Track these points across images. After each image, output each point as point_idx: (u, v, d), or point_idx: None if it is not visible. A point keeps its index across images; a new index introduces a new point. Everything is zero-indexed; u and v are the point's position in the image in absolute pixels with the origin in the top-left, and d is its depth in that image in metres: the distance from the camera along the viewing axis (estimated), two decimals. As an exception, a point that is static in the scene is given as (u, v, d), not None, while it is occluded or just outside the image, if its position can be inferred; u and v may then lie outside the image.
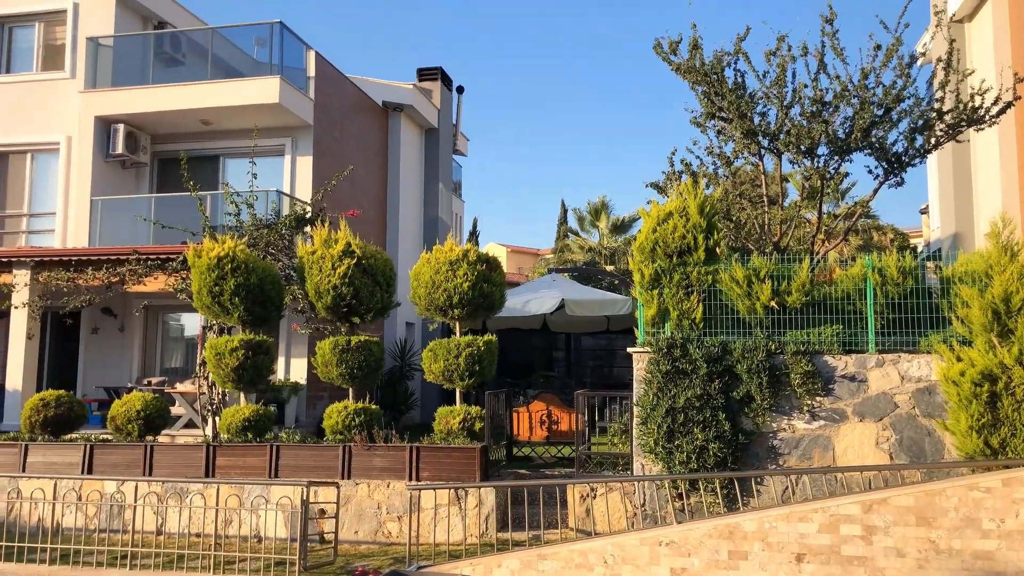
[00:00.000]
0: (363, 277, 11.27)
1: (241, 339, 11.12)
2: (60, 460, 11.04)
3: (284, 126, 16.06)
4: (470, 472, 10.06)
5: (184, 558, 8.93)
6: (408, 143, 20.44)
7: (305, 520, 8.63)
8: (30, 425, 11.54)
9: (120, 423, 11.23)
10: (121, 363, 16.12)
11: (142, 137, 16.44)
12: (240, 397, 11.56)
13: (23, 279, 13.98)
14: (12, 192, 17.01)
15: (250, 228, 13.41)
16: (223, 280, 11.13)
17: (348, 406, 10.80)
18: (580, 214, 30.59)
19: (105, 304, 15.37)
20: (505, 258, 37.63)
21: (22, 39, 17.36)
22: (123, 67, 16.23)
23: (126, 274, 13.43)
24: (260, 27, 16.05)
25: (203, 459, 10.69)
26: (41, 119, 16.59)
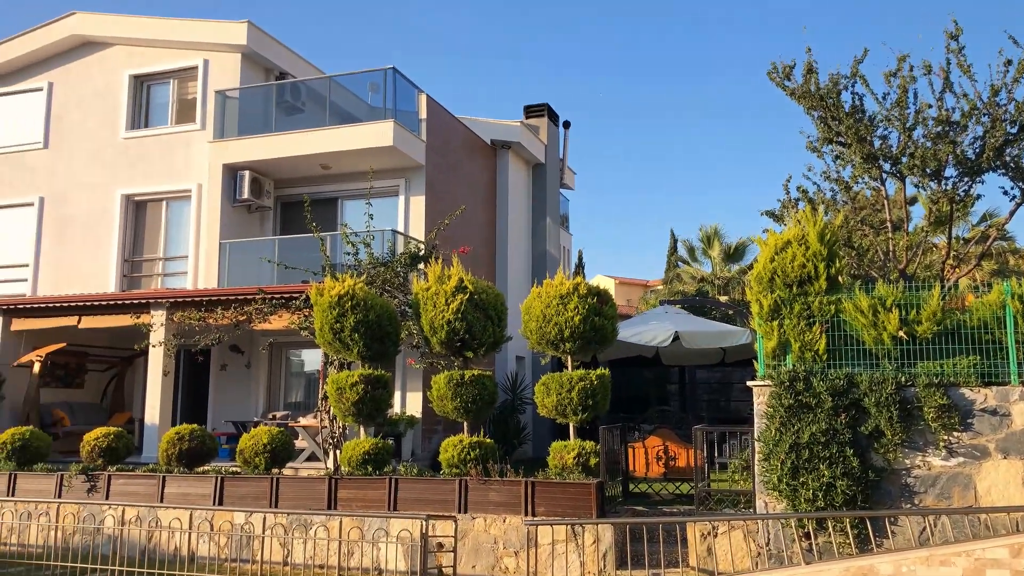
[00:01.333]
0: (475, 312, 11.43)
1: (360, 374, 11.45)
2: (194, 491, 11.60)
3: (398, 167, 16.59)
4: (586, 508, 9.96)
5: (309, 589, 9.17)
6: (516, 179, 20.73)
7: (425, 554, 8.74)
8: (167, 457, 12.18)
9: (248, 456, 11.71)
10: (247, 398, 16.85)
11: (266, 182, 17.31)
12: (360, 430, 11.87)
13: (159, 319, 14.87)
14: (149, 238, 18.21)
15: (367, 267, 13.87)
16: (343, 317, 11.52)
17: (463, 440, 10.91)
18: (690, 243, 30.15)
19: (233, 342, 16.14)
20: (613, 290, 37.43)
21: (159, 95, 18.68)
22: (248, 117, 17.19)
23: (252, 313, 14.08)
24: (374, 73, 16.70)
25: (325, 492, 11.00)
26: (175, 169, 17.74)
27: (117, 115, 18.53)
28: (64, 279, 18.11)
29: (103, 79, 18.85)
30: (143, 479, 11.97)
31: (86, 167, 18.59)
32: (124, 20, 18.68)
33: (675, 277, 30.67)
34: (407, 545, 9.94)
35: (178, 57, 18.28)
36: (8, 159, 19.44)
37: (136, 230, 18.25)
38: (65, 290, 17.45)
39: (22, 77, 19.76)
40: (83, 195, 18.46)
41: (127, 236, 18.12)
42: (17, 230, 19.14)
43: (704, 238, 29.47)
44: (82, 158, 18.70)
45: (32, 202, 18.95)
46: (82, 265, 18.14)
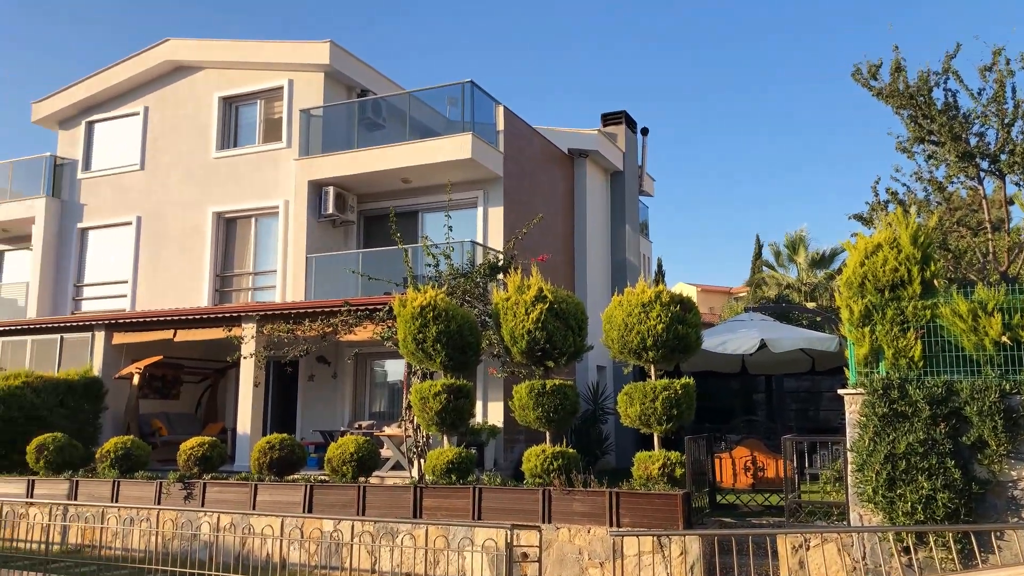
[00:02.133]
0: (555, 321, 11.41)
1: (443, 383, 11.57)
2: (284, 499, 11.91)
3: (476, 179, 16.75)
4: (672, 519, 9.80)
5: (396, 596, 9.29)
6: (594, 187, 20.66)
7: (510, 563, 8.74)
8: (258, 466, 12.55)
9: (336, 465, 11.96)
10: (334, 408, 17.24)
11: (349, 197, 17.71)
12: (443, 440, 11.98)
13: (250, 332, 15.36)
14: (239, 253, 18.86)
15: (448, 278, 14.04)
16: (426, 328, 11.67)
17: (546, 450, 10.90)
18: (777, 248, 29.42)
19: (319, 353, 16.54)
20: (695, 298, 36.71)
21: (246, 116, 19.37)
22: (331, 134, 17.65)
23: (338, 324, 14.40)
24: (452, 87, 16.92)
25: (411, 500, 11.13)
26: (263, 186, 18.34)
27: (208, 136, 19.30)
28: (160, 294, 18.91)
29: (194, 102, 19.66)
30: (236, 487, 12.36)
31: (179, 186, 19.40)
32: (214, 44, 19.46)
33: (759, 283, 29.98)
34: (492, 554, 9.96)
35: (264, 78, 18.92)
36: (109, 181, 20.46)
37: (227, 246, 18.93)
38: (161, 305, 18.22)
39: (120, 103, 20.78)
40: (177, 213, 19.27)
41: (218, 252, 18.81)
42: (117, 248, 20.11)
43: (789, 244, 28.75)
44: (176, 178, 19.53)
45: (130, 221, 19.89)
46: (177, 280, 18.91)
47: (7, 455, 14.77)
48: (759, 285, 29.85)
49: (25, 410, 15.09)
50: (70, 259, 20.55)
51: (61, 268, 20.61)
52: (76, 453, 14.27)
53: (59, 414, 15.53)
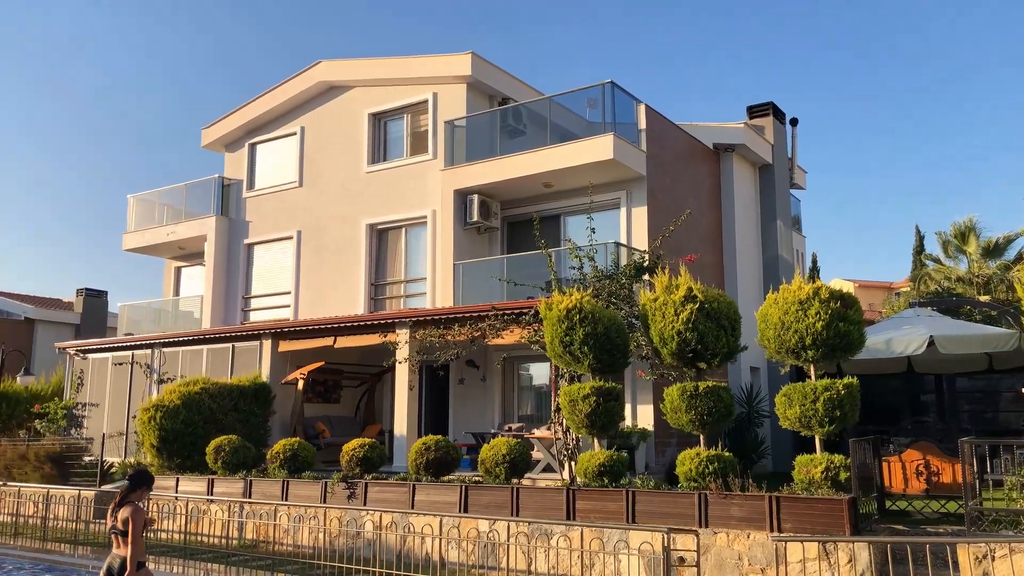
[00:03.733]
0: (707, 321, 11.13)
1: (592, 386, 11.55)
2: (441, 499, 12.24)
3: (618, 180, 16.63)
4: (837, 525, 9.34)
5: (553, 597, 9.33)
6: (742, 183, 20.05)
7: (668, 567, 8.60)
8: (416, 467, 12.96)
9: (489, 466, 12.17)
10: (484, 410, 17.57)
11: (493, 204, 18.03)
12: (594, 442, 11.95)
13: (404, 337, 15.91)
14: (391, 262, 19.59)
15: (592, 280, 14.00)
16: (572, 330, 11.68)
17: (700, 453, 10.65)
18: (945, 237, 27.41)
19: (469, 357, 16.91)
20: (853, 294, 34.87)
21: (394, 130, 20.12)
22: (474, 143, 18.03)
23: (486, 328, 14.67)
24: (591, 89, 16.89)
25: (564, 502, 11.16)
26: (411, 197, 18.98)
27: (359, 151, 20.19)
28: (320, 303, 19.93)
29: (346, 119, 20.62)
30: (396, 487, 12.82)
31: (335, 201, 20.38)
32: (363, 64, 20.34)
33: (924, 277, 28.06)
34: (648, 558, 9.84)
35: (410, 93, 19.59)
36: (271, 199, 21.79)
37: (379, 255, 19.72)
38: (321, 313, 19.19)
39: (278, 125, 22.09)
40: (333, 226, 20.25)
41: (372, 261, 19.63)
42: (280, 261, 21.37)
43: (957, 234, 26.72)
44: (331, 193, 20.54)
45: (291, 235, 21.09)
46: (335, 290, 19.87)
47: (189, 456, 15.98)
48: (923, 279, 27.94)
49: (203, 414, 16.28)
50: (238, 273, 22.01)
51: (231, 282, 22.11)
52: (249, 454, 15.25)
53: (233, 418, 16.65)
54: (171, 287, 24.54)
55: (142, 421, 16.21)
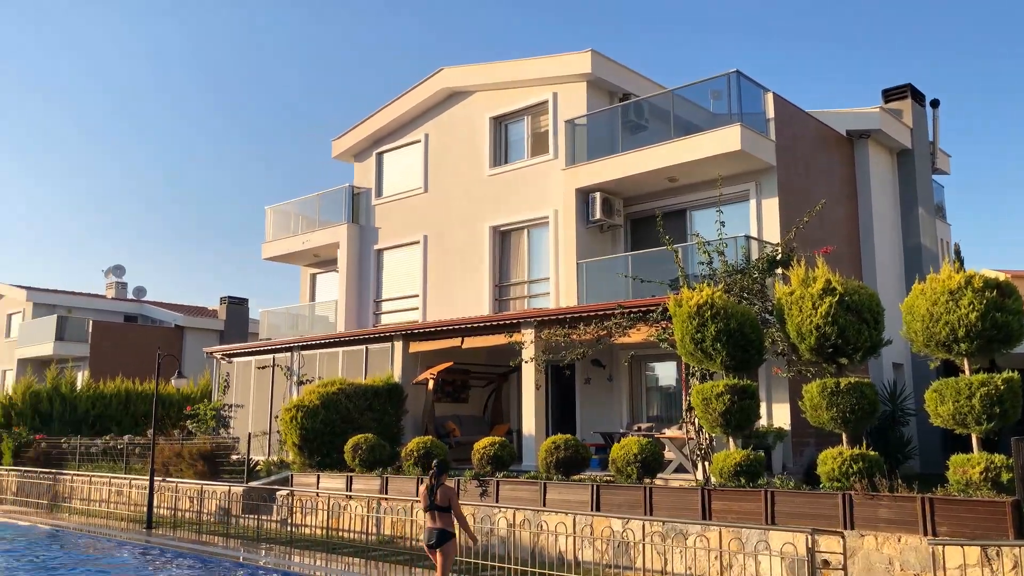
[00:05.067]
0: (847, 315, 10.64)
1: (726, 384, 11.25)
2: (572, 498, 12.22)
3: (746, 172, 16.16)
4: (999, 529, 8.71)
5: (691, 599, 9.14)
6: (879, 170, 19.08)
7: (813, 569, 8.26)
8: (546, 465, 13.00)
9: (620, 465, 12.06)
10: (611, 410, 17.43)
11: (615, 201, 17.88)
12: (728, 442, 11.64)
13: (529, 337, 16.00)
14: (515, 263, 19.76)
15: (722, 275, 13.66)
16: (704, 327, 11.43)
17: (844, 452, 10.18)
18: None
19: (594, 356, 16.82)
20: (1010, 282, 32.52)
21: (515, 132, 20.30)
22: (595, 141, 17.95)
23: (612, 327, 14.55)
24: (716, 80, 16.47)
25: (698, 502, 10.92)
26: (533, 198, 19.09)
27: (481, 155, 20.48)
28: (447, 305, 20.33)
29: (468, 124, 20.97)
30: (527, 485, 12.90)
31: (459, 205, 20.76)
32: (483, 68, 20.63)
33: (1086, 265, 25.79)
34: (790, 560, 9.48)
35: (529, 95, 19.71)
36: (399, 205, 22.42)
37: (503, 257, 19.93)
38: (448, 315, 19.57)
39: (403, 133, 22.71)
40: (458, 230, 20.63)
41: (496, 263, 19.86)
42: (408, 265, 21.96)
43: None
44: (455, 197, 20.93)
45: (418, 240, 21.62)
46: (461, 292, 20.23)
47: (328, 453, 16.63)
48: (1087, 266, 25.67)
49: (341, 413, 16.90)
50: (369, 278, 22.77)
51: (362, 286, 22.90)
52: (384, 452, 15.72)
53: (368, 417, 17.21)
54: (307, 293, 25.64)
55: (284, 420, 17.00)
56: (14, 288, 37.86)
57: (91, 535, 16.38)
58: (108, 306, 38.82)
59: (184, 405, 24.35)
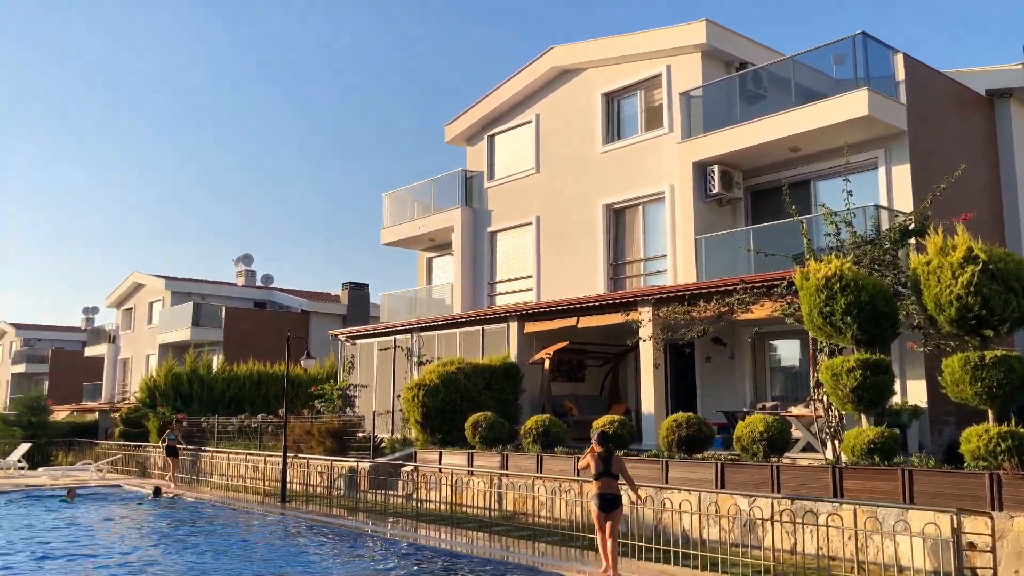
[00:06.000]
0: (992, 284, 9.96)
1: (857, 359, 10.78)
2: (695, 476, 12.02)
3: (875, 138, 15.38)
4: None
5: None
6: (1022, 130, 17.75)
7: (959, 552, 7.82)
8: (667, 444, 12.84)
9: (745, 443, 11.76)
10: (733, 389, 17.02)
11: (734, 174, 17.36)
12: (860, 419, 11.15)
13: (646, 315, 15.80)
14: (630, 241, 19.53)
15: (851, 246, 13.08)
16: (833, 300, 10.98)
17: (990, 429, 9.56)
18: None
19: (714, 334, 16.44)
20: None
21: (627, 108, 20.00)
22: (712, 112, 17.46)
23: (733, 303, 14.17)
24: (839, 44, 15.71)
25: (829, 481, 10.53)
26: (647, 174, 18.78)
27: (593, 132, 20.29)
28: (561, 285, 20.32)
29: (579, 102, 20.81)
30: (647, 463, 12.77)
31: (571, 184, 20.66)
32: (593, 45, 20.40)
33: None
34: (931, 541, 9.01)
35: (642, 69, 19.36)
36: (511, 187, 22.53)
37: (617, 235, 19.73)
38: (562, 295, 19.55)
39: (514, 115, 22.76)
40: (570, 209, 20.54)
41: (610, 241, 19.68)
42: (522, 246, 22.06)
43: None
44: (567, 176, 20.84)
45: (531, 221, 21.67)
46: (574, 271, 20.16)
47: (449, 431, 16.97)
48: None
49: (460, 392, 17.20)
50: (484, 260, 23.02)
51: (477, 268, 23.17)
52: (503, 430, 15.90)
53: (486, 396, 17.44)
54: (424, 277, 26.18)
55: (406, 399, 17.45)
56: (154, 278, 40.37)
57: (231, 507, 17.34)
58: (239, 293, 40.86)
59: (311, 386, 25.36)
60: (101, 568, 11.49)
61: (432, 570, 10.85)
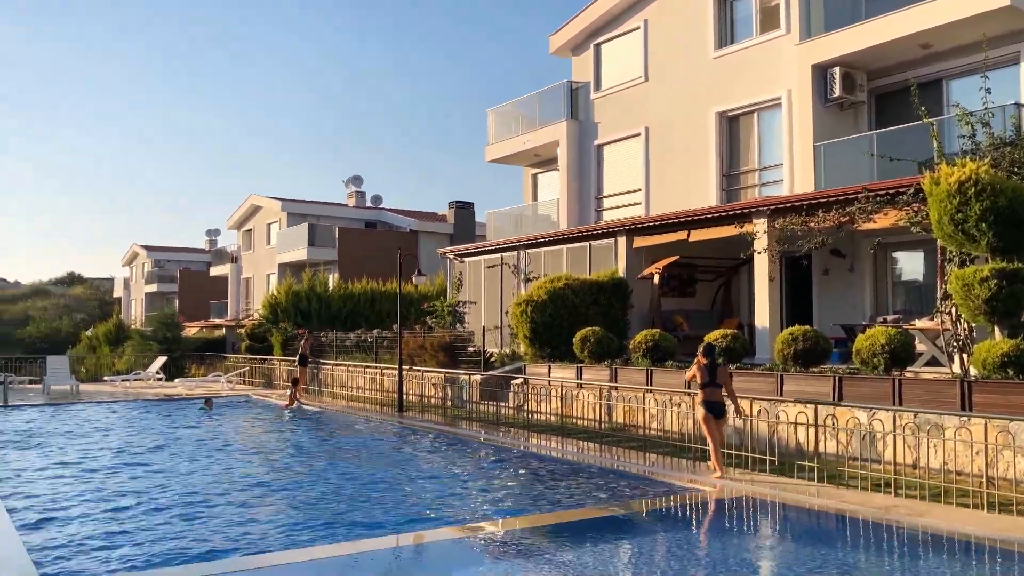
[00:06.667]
0: None
1: (993, 268, 10.15)
2: (810, 390, 11.74)
3: (1016, 30, 14.13)
4: None
5: (950, 493, 8.58)
6: None
7: (1102, 468, 7.39)
8: (782, 357, 12.56)
9: (865, 357, 11.38)
10: (852, 302, 16.43)
11: (857, 76, 16.35)
12: (993, 332, 10.58)
13: (761, 227, 15.30)
14: (743, 150, 18.83)
15: (988, 148, 12.19)
16: (966, 206, 10.33)
17: None
18: None
19: (833, 246, 15.78)
20: None
21: (741, 9, 18.98)
22: (833, 11, 16.43)
23: (855, 213, 13.52)
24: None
25: (956, 395, 10.08)
26: (763, 79, 17.90)
27: (705, 37, 19.41)
28: (670, 198, 19.88)
29: (689, 6, 19.88)
30: (761, 377, 12.57)
31: (681, 92, 19.95)
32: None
33: None
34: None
35: (757, -34, 18.27)
36: (618, 97, 21.96)
37: (730, 144, 19.03)
38: (672, 208, 19.14)
39: (621, 21, 21.98)
40: (681, 119, 19.90)
41: (723, 151, 19.01)
42: (629, 159, 21.62)
43: None
44: (677, 85, 20.11)
45: (639, 132, 21.14)
46: (685, 183, 19.66)
47: (557, 345, 17.13)
48: None
49: (567, 308, 17.26)
50: (590, 174, 22.71)
51: (583, 183, 22.92)
52: (612, 344, 15.93)
53: (594, 311, 17.44)
54: (529, 193, 26.12)
55: (515, 315, 17.67)
56: (271, 200, 41.88)
57: (353, 416, 18.23)
58: (350, 214, 41.94)
59: (421, 303, 26.05)
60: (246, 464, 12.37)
61: (544, 475, 11.13)
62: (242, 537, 7.99)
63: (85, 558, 7.31)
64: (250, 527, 8.40)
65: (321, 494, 10.05)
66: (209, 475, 11.58)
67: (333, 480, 11.00)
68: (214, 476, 11.49)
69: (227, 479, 11.24)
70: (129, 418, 18.98)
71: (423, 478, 11.15)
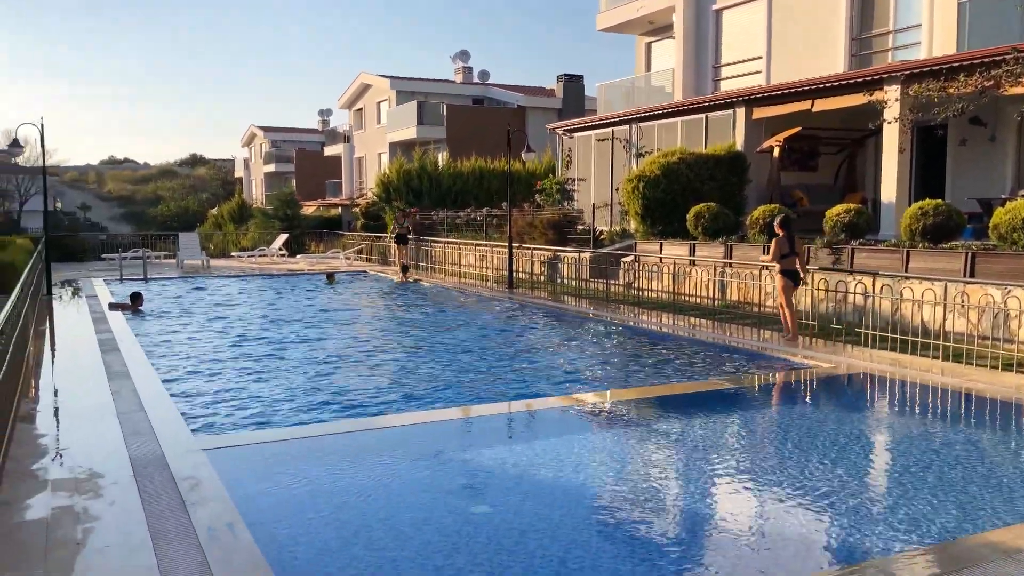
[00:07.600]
0: None
1: None
2: (940, 266, 11.20)
3: None
4: None
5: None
6: None
7: None
8: (910, 233, 11.96)
9: (1004, 231, 10.70)
10: (991, 174, 15.32)
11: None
12: None
13: (893, 94, 14.28)
14: (876, 10, 17.38)
15: None
16: None
17: None
18: None
19: (973, 114, 14.61)
20: None
21: None
22: None
23: (1001, 76, 12.42)
24: None
25: (1106, 273, 9.41)
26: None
27: None
28: (793, 66, 18.72)
29: None
30: (885, 253, 12.04)
31: (810, -52, 18.41)
32: None
33: None
34: None
35: None
36: (738, -43, 20.48)
37: (862, 5, 17.59)
38: (794, 77, 18.04)
39: None
40: (808, -22, 18.44)
41: (852, 12, 17.62)
42: (749, 25, 20.35)
43: None
44: (805, -60, 18.55)
45: (760, -5, 19.77)
46: (809, 50, 18.43)
47: (670, 222, 16.85)
48: None
49: (681, 183, 16.84)
50: (707, 42, 21.57)
51: (700, 52, 21.82)
52: (727, 220, 15.53)
53: (709, 186, 16.96)
54: (642, 64, 25.12)
55: (626, 191, 17.39)
56: (380, 78, 41.92)
57: (464, 292, 18.69)
58: (457, 91, 41.58)
59: (530, 181, 25.91)
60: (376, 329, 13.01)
61: (654, 350, 11.19)
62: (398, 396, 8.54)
63: (242, 414, 7.93)
64: (391, 392, 8.92)
65: (446, 364, 10.50)
66: (344, 343, 12.29)
67: (446, 353, 11.40)
68: (348, 344, 12.17)
69: (363, 348, 11.83)
70: (260, 289, 20.13)
71: (535, 350, 11.42)
